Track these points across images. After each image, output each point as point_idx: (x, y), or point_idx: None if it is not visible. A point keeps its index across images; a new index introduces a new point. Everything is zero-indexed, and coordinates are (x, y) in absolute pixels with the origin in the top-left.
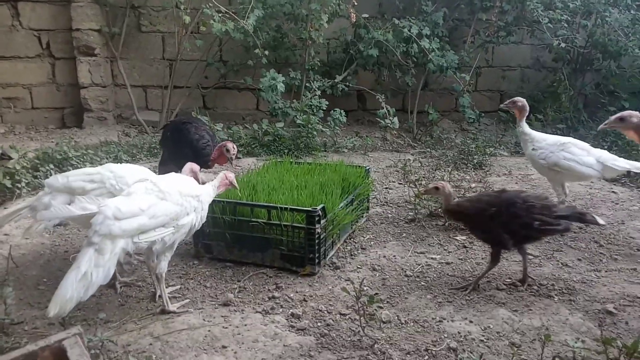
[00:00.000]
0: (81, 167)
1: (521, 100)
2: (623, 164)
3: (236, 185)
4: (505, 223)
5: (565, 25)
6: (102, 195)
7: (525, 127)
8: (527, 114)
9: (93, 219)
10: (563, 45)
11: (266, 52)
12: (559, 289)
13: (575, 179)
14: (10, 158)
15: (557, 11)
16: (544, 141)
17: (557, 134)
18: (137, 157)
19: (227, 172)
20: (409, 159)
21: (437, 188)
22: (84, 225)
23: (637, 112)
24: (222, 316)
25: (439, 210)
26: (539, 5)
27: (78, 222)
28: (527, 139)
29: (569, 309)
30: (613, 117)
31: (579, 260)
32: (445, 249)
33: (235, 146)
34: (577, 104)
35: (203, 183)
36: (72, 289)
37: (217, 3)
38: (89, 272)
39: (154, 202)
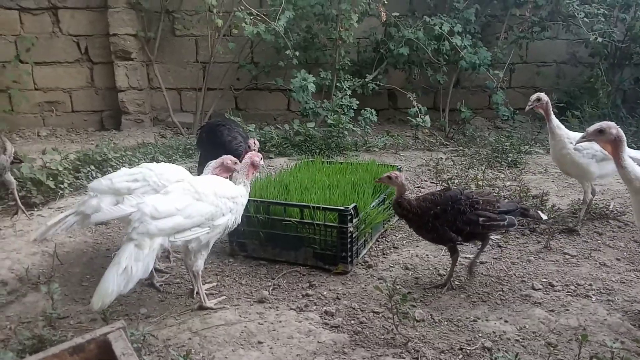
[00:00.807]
0: (120, 168)
1: (543, 96)
2: None
3: (262, 164)
4: (451, 220)
5: (602, 19)
6: (147, 192)
7: (557, 123)
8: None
9: (132, 215)
10: (600, 39)
11: (297, 53)
12: (597, 289)
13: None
14: (20, 162)
15: (593, 5)
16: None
17: None
18: (173, 157)
19: (253, 153)
20: (441, 158)
21: (389, 177)
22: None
23: (614, 124)
24: (257, 313)
25: None
26: None
27: (126, 221)
28: (562, 134)
29: (607, 310)
30: (592, 128)
31: (618, 259)
32: (479, 249)
33: (256, 141)
34: (615, 99)
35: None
36: (114, 283)
37: (248, 6)
38: (129, 267)
39: (190, 202)
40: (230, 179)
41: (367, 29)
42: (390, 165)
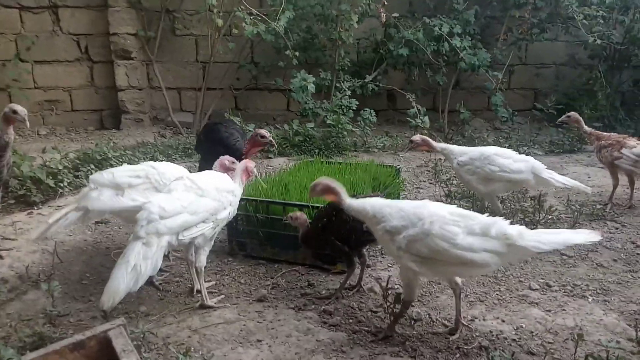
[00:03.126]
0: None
1: (417, 136)
2: (560, 179)
3: (255, 173)
4: (336, 230)
5: (602, 21)
6: (148, 189)
7: (443, 144)
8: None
9: (139, 214)
10: (599, 42)
11: (297, 53)
12: (594, 290)
13: (510, 188)
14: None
15: (592, 7)
16: (466, 155)
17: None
18: (173, 157)
19: (247, 161)
20: (440, 159)
21: (291, 217)
22: (129, 220)
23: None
24: (256, 311)
25: (471, 210)
26: (574, 1)
27: (124, 215)
28: (447, 153)
29: (604, 310)
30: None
31: (615, 260)
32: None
33: (268, 132)
34: (614, 101)
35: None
36: (123, 281)
37: (248, 6)
38: (138, 265)
39: (194, 199)
40: None
41: (367, 30)
42: (389, 165)
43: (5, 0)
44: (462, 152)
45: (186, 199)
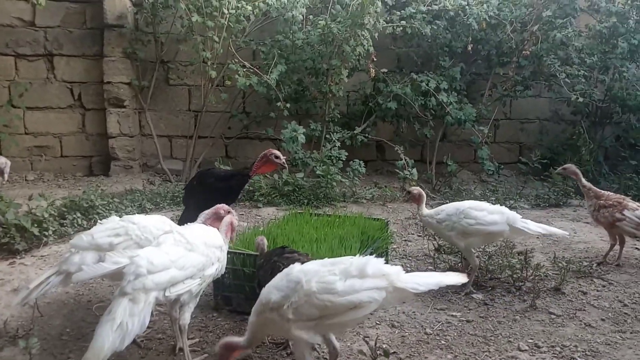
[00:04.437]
0: (107, 215)
1: (417, 189)
2: (535, 227)
3: (235, 226)
4: (269, 273)
5: (583, 80)
6: (130, 247)
7: (424, 211)
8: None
9: (126, 268)
10: (581, 99)
11: (288, 105)
12: (582, 351)
13: (487, 240)
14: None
15: (574, 66)
16: (443, 212)
17: (578, 187)
18: (161, 205)
19: (231, 216)
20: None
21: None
22: (114, 279)
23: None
24: None
25: (459, 264)
26: (556, 60)
27: (109, 276)
28: (427, 218)
29: None
30: None
31: (603, 320)
32: (465, 306)
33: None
34: (597, 156)
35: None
36: (108, 340)
37: (241, 59)
38: (125, 322)
39: (183, 253)
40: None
41: (357, 83)
42: (378, 218)
43: (1, 48)
44: (439, 211)
45: (175, 253)
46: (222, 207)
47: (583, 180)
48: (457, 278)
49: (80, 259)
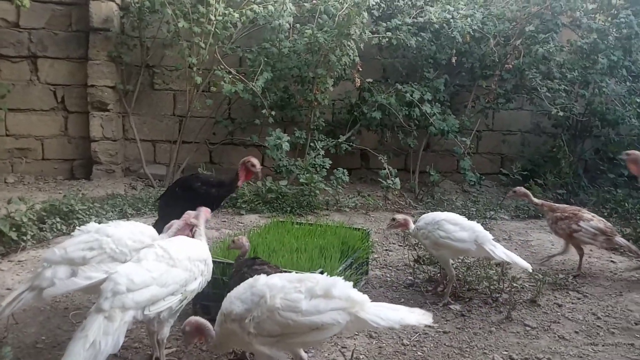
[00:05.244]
0: (87, 220)
1: (401, 216)
2: (500, 253)
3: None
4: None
5: (564, 94)
6: (104, 261)
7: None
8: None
9: (103, 285)
10: (562, 113)
11: (273, 112)
12: None
13: (456, 254)
14: None
15: (555, 81)
16: (422, 220)
17: (557, 199)
18: (142, 210)
19: (206, 211)
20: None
21: (234, 241)
22: (89, 292)
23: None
24: None
25: (438, 275)
26: (537, 75)
27: (83, 290)
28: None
29: None
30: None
31: (576, 332)
32: (443, 317)
33: (257, 161)
34: (577, 169)
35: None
36: (79, 358)
37: (227, 66)
38: (97, 341)
39: (165, 269)
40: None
41: (342, 92)
42: (358, 229)
43: None
44: (419, 219)
45: (156, 270)
46: (189, 214)
47: (534, 199)
48: (421, 318)
49: (52, 273)
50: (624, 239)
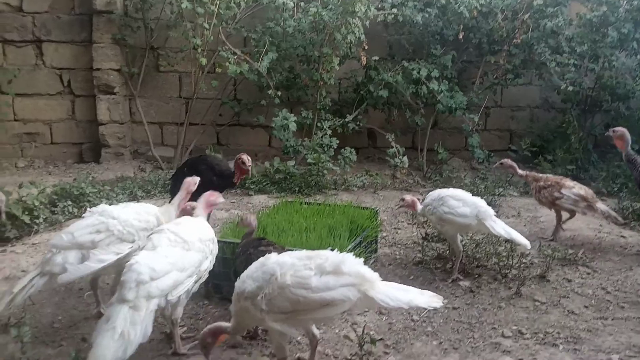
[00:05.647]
0: (98, 203)
1: (408, 197)
2: (499, 229)
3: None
4: (244, 263)
5: (573, 69)
6: (112, 243)
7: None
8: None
9: (125, 277)
10: (571, 88)
11: (279, 93)
12: (565, 338)
13: (459, 230)
14: None
15: (564, 55)
16: (429, 197)
17: (567, 174)
18: (152, 192)
19: (209, 193)
20: (419, 199)
21: (241, 219)
22: (104, 273)
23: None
24: (230, 358)
25: (447, 252)
26: (547, 49)
27: (95, 273)
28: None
29: (574, 359)
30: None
31: (586, 307)
32: (452, 293)
33: (249, 157)
34: (586, 144)
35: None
36: (109, 350)
37: (232, 47)
38: (126, 331)
39: (181, 254)
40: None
41: (348, 71)
42: (367, 208)
43: None
44: (427, 195)
45: (173, 256)
46: (189, 204)
47: (519, 170)
48: (431, 300)
49: (62, 258)
50: (605, 205)
